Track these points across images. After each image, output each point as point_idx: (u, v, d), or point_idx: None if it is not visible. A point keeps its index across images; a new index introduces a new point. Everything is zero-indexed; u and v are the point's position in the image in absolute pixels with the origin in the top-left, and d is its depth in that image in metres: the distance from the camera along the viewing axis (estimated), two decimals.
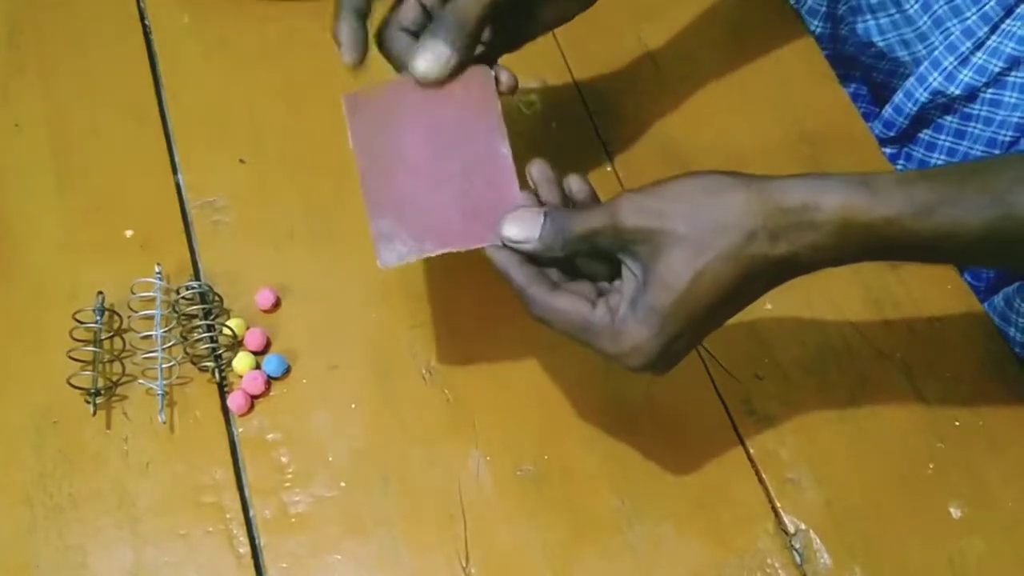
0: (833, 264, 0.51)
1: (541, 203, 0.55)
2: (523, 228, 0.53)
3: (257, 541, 0.61)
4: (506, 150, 0.56)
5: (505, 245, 0.53)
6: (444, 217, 0.55)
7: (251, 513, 0.61)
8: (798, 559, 0.61)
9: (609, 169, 0.75)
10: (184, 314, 0.66)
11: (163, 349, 0.64)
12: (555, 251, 0.52)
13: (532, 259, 0.53)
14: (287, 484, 0.62)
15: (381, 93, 0.57)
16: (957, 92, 0.74)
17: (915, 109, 0.77)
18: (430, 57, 0.55)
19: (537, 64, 0.79)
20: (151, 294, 0.66)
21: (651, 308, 0.50)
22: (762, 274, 0.50)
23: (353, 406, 0.65)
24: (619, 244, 0.51)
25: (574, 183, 0.55)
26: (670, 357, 0.52)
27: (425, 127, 0.57)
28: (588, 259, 0.54)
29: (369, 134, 0.57)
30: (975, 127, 0.76)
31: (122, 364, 0.65)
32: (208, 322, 0.65)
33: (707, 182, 0.50)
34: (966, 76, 0.74)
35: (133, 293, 0.67)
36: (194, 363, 0.65)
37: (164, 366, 0.64)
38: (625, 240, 0.50)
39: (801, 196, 0.49)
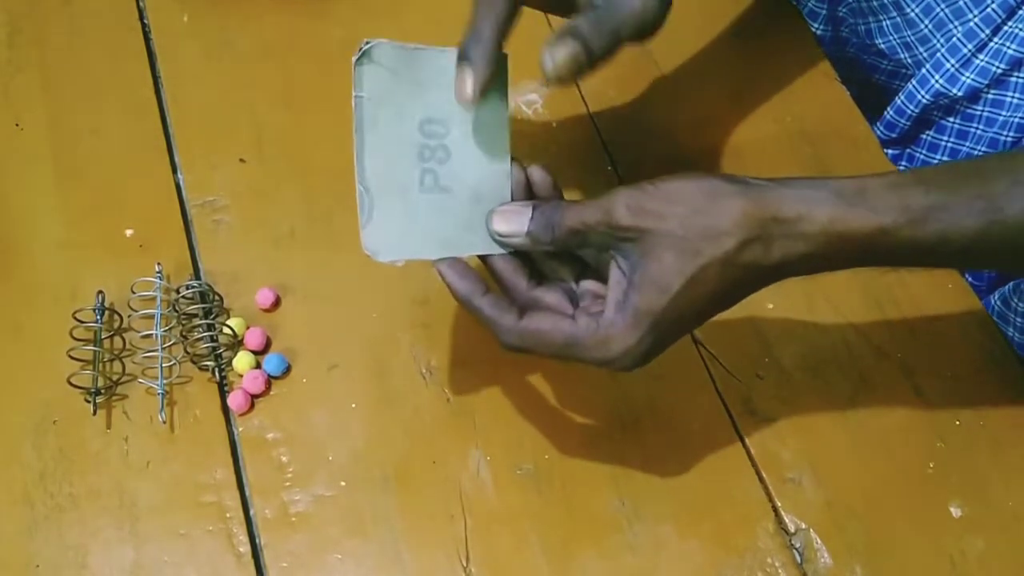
0: (827, 270, 0.51)
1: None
2: (511, 222, 0.53)
3: (257, 540, 0.61)
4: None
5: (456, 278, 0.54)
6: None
7: (251, 512, 0.61)
8: (798, 558, 0.61)
9: (609, 169, 0.75)
10: (184, 313, 0.66)
11: (163, 348, 0.64)
12: (544, 244, 0.53)
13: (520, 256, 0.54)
14: (287, 484, 0.62)
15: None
16: (959, 94, 0.74)
17: (917, 111, 0.77)
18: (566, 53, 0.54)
19: (537, 64, 0.79)
20: (151, 293, 0.66)
21: (640, 310, 0.50)
22: (755, 280, 0.51)
23: (353, 406, 0.65)
24: (611, 241, 0.51)
25: (535, 173, 0.56)
26: (658, 352, 0.52)
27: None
28: (554, 261, 0.55)
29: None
30: (977, 128, 0.76)
31: (122, 363, 0.65)
32: (208, 321, 0.65)
33: (706, 185, 0.50)
34: (968, 78, 0.74)
35: (133, 292, 0.66)
36: (194, 362, 0.65)
37: (164, 365, 0.64)
38: (617, 237, 0.50)
39: (795, 207, 0.49)
